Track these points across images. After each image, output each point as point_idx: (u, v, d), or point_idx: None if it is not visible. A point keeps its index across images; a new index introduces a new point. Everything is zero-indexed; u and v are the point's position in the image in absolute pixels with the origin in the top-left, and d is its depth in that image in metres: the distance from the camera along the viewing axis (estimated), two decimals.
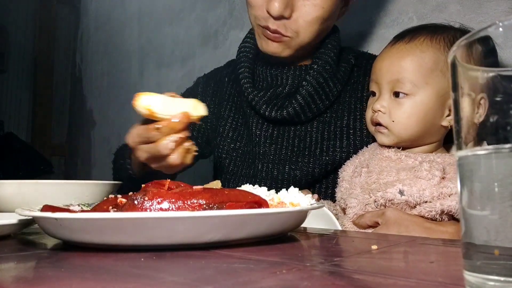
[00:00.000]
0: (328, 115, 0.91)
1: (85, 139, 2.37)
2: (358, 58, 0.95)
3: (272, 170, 0.90)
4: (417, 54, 0.72)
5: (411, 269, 0.33)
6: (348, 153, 0.86)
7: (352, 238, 0.51)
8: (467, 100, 0.25)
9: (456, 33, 0.74)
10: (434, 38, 0.73)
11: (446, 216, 0.66)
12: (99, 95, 2.28)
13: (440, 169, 0.66)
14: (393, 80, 0.72)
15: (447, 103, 0.71)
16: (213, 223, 0.39)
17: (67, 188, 0.69)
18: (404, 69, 0.72)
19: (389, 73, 0.73)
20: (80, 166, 2.40)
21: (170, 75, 1.80)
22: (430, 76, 0.70)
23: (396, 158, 0.73)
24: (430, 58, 0.71)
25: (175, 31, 1.79)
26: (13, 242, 0.47)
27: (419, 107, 0.71)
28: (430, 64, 0.71)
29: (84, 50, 2.44)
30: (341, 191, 0.78)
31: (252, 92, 0.90)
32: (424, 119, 0.71)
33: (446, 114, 0.72)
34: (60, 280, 0.29)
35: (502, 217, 0.23)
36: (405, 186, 0.66)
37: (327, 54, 0.89)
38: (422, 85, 0.70)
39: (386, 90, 0.74)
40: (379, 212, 0.68)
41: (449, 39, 0.72)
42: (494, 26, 0.23)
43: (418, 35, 0.74)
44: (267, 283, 0.27)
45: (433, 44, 0.72)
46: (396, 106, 0.72)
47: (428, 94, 0.70)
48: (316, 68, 0.87)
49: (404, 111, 0.71)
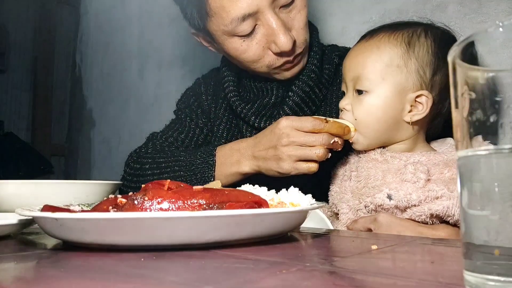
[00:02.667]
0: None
1: (85, 139, 2.37)
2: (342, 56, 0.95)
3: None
4: (373, 51, 0.72)
5: (411, 269, 0.33)
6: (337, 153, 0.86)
7: (352, 238, 0.51)
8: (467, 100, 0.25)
9: (417, 29, 0.73)
10: (392, 34, 0.73)
11: (436, 219, 0.66)
12: (99, 95, 2.28)
13: (424, 171, 0.65)
14: (354, 77, 0.73)
15: (406, 98, 0.71)
16: (213, 223, 0.39)
17: (67, 188, 0.69)
18: (362, 66, 0.72)
19: (350, 71, 0.74)
20: (80, 166, 2.40)
21: (170, 75, 1.80)
22: (386, 71, 0.71)
23: (382, 160, 0.73)
24: (386, 54, 0.71)
25: (175, 31, 1.79)
26: (13, 242, 0.47)
27: (378, 103, 0.71)
28: (386, 60, 0.71)
29: (84, 50, 2.44)
30: (332, 195, 0.78)
31: (240, 105, 0.91)
32: (385, 116, 0.71)
33: (408, 109, 0.71)
34: (60, 280, 0.29)
35: (502, 217, 0.23)
36: (392, 190, 0.66)
37: (311, 62, 0.90)
38: (379, 81, 0.71)
39: (350, 87, 0.74)
40: (371, 218, 0.67)
41: (408, 35, 0.72)
42: (494, 26, 0.23)
43: (378, 33, 0.74)
44: (267, 283, 0.27)
45: (391, 40, 0.72)
46: (358, 103, 0.73)
47: (385, 89, 0.70)
48: (301, 77, 0.88)
49: (365, 109, 0.72)
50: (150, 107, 1.88)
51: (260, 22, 0.80)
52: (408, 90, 0.70)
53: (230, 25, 0.80)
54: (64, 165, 2.59)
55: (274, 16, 0.79)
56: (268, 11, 0.78)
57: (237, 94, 0.93)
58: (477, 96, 0.24)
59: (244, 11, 0.78)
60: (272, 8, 0.79)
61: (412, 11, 1.06)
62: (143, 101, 1.93)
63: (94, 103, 2.33)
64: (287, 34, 0.79)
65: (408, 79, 0.70)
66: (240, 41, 0.83)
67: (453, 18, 0.98)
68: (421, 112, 0.71)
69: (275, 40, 0.80)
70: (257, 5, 0.77)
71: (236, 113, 0.93)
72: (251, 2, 0.77)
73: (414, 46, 0.71)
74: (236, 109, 0.92)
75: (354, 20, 1.17)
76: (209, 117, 1.03)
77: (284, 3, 0.80)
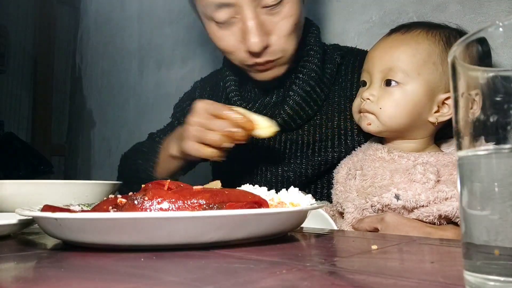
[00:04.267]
0: (318, 117, 0.91)
1: (85, 139, 2.37)
2: (344, 56, 0.95)
3: (266, 172, 0.90)
4: (411, 45, 0.71)
5: (411, 269, 0.33)
6: (340, 153, 0.86)
7: (352, 238, 0.51)
8: (467, 100, 0.25)
9: (452, 32, 0.74)
10: (430, 32, 0.73)
11: (444, 220, 0.66)
12: (99, 95, 2.28)
13: (434, 172, 0.65)
14: (385, 68, 0.72)
15: (436, 98, 0.71)
16: (213, 223, 0.39)
17: (67, 188, 0.69)
18: (397, 58, 0.71)
19: (381, 62, 0.73)
20: (80, 166, 2.40)
21: (170, 75, 1.80)
22: (422, 67, 0.70)
23: (389, 159, 0.72)
24: (424, 49, 0.71)
25: (175, 31, 1.79)
26: (13, 242, 0.47)
27: (408, 97, 0.70)
28: (424, 55, 0.70)
29: (84, 50, 2.44)
30: (337, 194, 0.77)
31: (241, 105, 0.91)
32: (412, 111, 0.71)
33: (434, 110, 0.71)
34: (60, 280, 0.29)
35: (502, 217, 0.23)
36: (400, 190, 0.66)
37: (311, 61, 0.88)
38: (414, 76, 0.70)
39: (377, 79, 0.73)
40: (378, 217, 0.67)
41: (445, 35, 0.72)
42: (494, 26, 0.23)
43: (414, 28, 0.74)
44: (267, 283, 0.27)
45: (429, 37, 0.72)
46: (386, 94, 0.72)
47: (419, 85, 0.70)
48: (301, 77, 0.87)
49: (393, 100, 0.71)
50: (150, 107, 1.88)
51: (239, 16, 0.78)
52: (440, 90, 0.70)
53: (207, 8, 0.80)
54: (64, 165, 2.59)
55: (252, 14, 0.77)
56: (247, 7, 0.76)
57: (238, 94, 0.93)
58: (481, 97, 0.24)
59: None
60: (254, 6, 0.77)
61: (412, 11, 1.06)
62: (143, 101, 1.93)
63: (94, 103, 2.33)
64: (258, 37, 0.77)
65: (441, 79, 0.70)
66: (216, 28, 0.82)
67: (453, 18, 0.98)
68: (447, 114, 0.71)
69: (245, 38, 0.79)
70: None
71: None
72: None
73: (451, 47, 0.71)
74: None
75: (354, 20, 1.17)
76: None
77: (267, 4, 0.77)
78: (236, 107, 0.74)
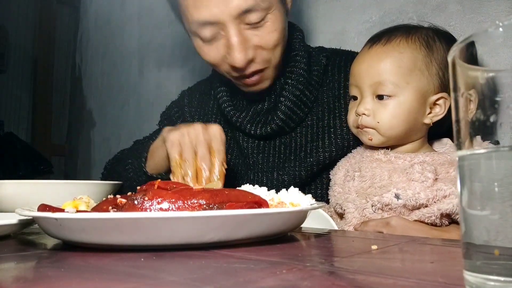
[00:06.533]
0: (309, 118, 0.92)
1: (85, 139, 2.36)
2: (330, 57, 0.96)
3: (262, 178, 0.91)
4: (395, 56, 0.72)
5: (411, 269, 0.33)
6: (331, 152, 0.86)
7: (352, 238, 0.51)
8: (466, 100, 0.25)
9: (429, 32, 0.75)
10: (409, 38, 0.74)
11: (446, 218, 0.67)
12: (99, 95, 2.28)
13: (432, 170, 0.67)
14: (374, 83, 0.73)
15: (427, 101, 0.72)
16: (213, 223, 0.39)
17: (67, 188, 0.69)
18: (384, 71, 0.72)
19: (369, 76, 0.74)
20: (80, 166, 2.40)
21: (170, 75, 1.80)
22: (410, 76, 0.71)
23: (386, 160, 0.74)
24: (409, 58, 0.72)
25: (175, 31, 1.79)
26: (13, 242, 0.47)
27: (402, 107, 0.72)
28: (409, 64, 0.72)
29: (84, 50, 2.44)
30: (335, 196, 0.78)
31: (234, 115, 0.92)
32: (408, 118, 0.72)
33: (428, 111, 0.73)
34: (60, 280, 0.29)
35: (502, 217, 0.23)
36: (400, 189, 0.67)
37: (298, 66, 0.90)
38: (404, 85, 0.71)
39: (368, 93, 0.74)
40: (383, 221, 0.67)
41: (423, 38, 0.74)
42: (494, 26, 0.23)
43: (394, 37, 0.75)
44: (267, 283, 0.27)
45: (409, 44, 0.73)
46: (380, 107, 0.73)
47: (410, 93, 0.71)
48: (290, 82, 0.89)
49: (389, 112, 0.72)
50: (150, 107, 1.88)
51: (223, 32, 0.80)
52: (430, 93, 0.72)
53: (192, 25, 0.81)
54: (64, 165, 2.59)
55: (235, 31, 0.78)
56: (230, 25, 0.78)
57: (231, 104, 0.94)
58: (477, 96, 0.24)
59: (204, 18, 0.78)
60: (237, 23, 0.78)
61: (412, 11, 1.06)
62: (143, 101, 1.93)
63: (94, 103, 2.33)
64: (242, 52, 0.79)
65: (429, 82, 0.72)
66: (201, 43, 0.84)
67: (453, 18, 0.98)
68: (440, 114, 0.73)
69: (230, 54, 0.80)
70: (218, 18, 0.78)
71: (231, 122, 0.94)
72: (212, 13, 0.77)
73: (433, 49, 0.73)
74: (231, 119, 0.93)
75: (354, 20, 1.17)
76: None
77: (250, 22, 0.79)
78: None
